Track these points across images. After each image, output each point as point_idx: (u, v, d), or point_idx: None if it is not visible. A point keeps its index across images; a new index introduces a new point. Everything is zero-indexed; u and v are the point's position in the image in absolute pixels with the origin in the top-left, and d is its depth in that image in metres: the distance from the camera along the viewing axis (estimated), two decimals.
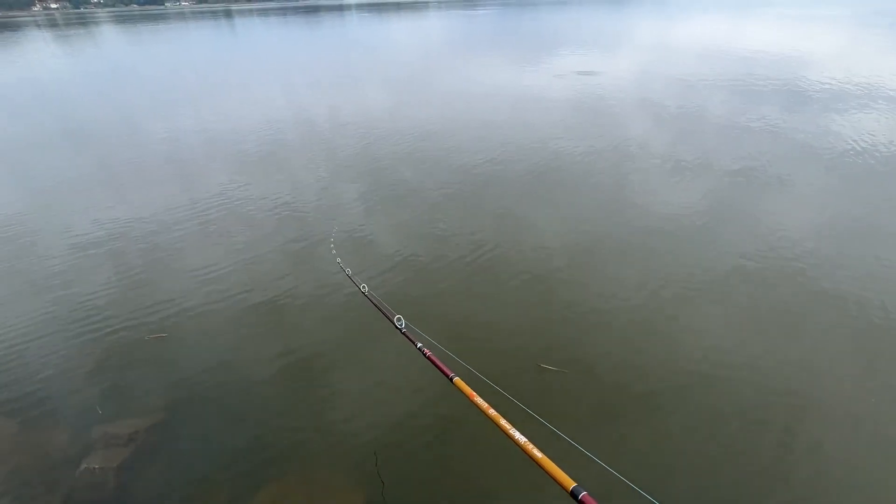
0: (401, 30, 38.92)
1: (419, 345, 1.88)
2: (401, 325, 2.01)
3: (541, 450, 1.19)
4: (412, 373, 3.61)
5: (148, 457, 3.13)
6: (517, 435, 1.27)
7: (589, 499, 1.02)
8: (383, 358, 3.81)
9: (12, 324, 4.47)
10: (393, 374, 3.66)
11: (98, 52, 31.20)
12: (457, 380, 1.59)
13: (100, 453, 3.12)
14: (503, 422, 1.34)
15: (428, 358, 1.78)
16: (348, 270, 3.10)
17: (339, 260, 3.46)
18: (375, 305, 2.40)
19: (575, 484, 1.06)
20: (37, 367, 3.93)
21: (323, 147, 9.23)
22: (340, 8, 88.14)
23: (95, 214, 6.69)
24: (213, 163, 8.71)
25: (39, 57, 27.42)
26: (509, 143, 8.67)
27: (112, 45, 36.37)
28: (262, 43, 32.62)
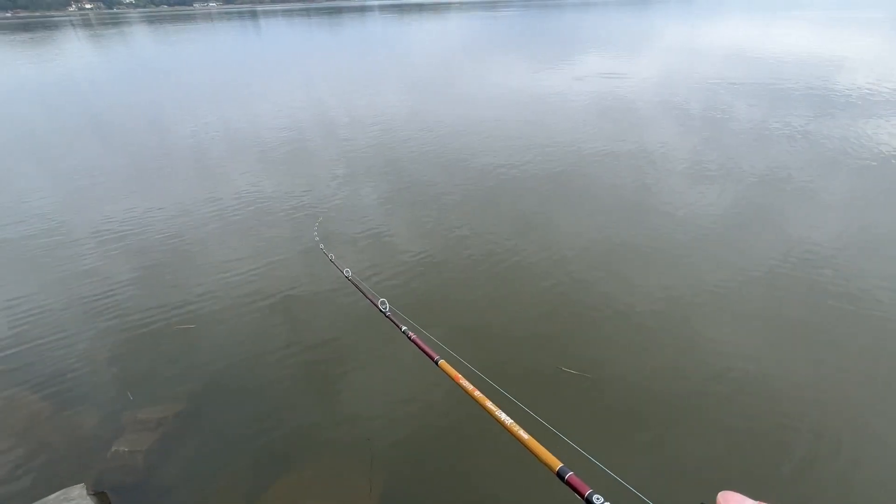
0: (422, 30, 39.12)
1: (404, 328, 1.88)
2: (385, 308, 2.01)
3: (527, 431, 1.19)
4: (429, 371, 3.67)
5: (174, 442, 3.25)
6: (503, 416, 1.27)
7: (575, 479, 1.00)
8: (402, 355, 3.88)
9: (47, 311, 4.68)
10: (412, 371, 3.72)
11: (129, 50, 32.16)
12: (442, 362, 1.59)
13: (129, 437, 3.26)
14: (489, 403, 1.33)
15: (413, 341, 1.78)
16: (331, 255, 3.03)
17: (322, 246, 3.38)
18: (359, 289, 2.38)
19: (561, 465, 1.05)
20: (70, 353, 4.12)
21: (342, 146, 9.37)
22: (363, 9, 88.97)
23: (124, 206, 6.94)
24: (236, 159, 8.93)
25: (74, 55, 28.40)
26: (529, 145, 8.67)
27: (142, 43, 37.43)
28: (285, 43, 33.18)
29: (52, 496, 2.77)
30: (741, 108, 10.36)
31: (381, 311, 2.00)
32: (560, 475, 1.03)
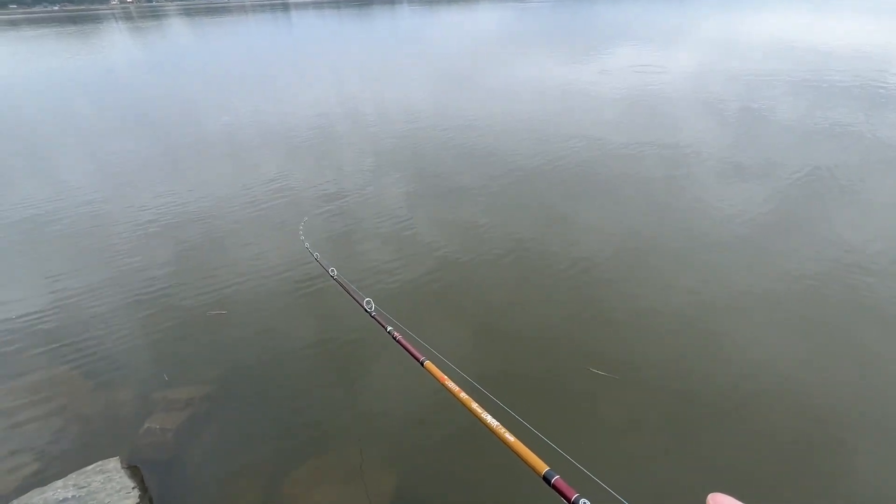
0: (452, 23, 38.84)
1: (389, 328, 1.85)
2: (370, 308, 1.98)
3: (514, 434, 1.17)
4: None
5: (202, 423, 3.38)
6: (489, 419, 1.25)
7: (562, 483, 0.99)
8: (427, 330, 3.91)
9: (89, 292, 4.92)
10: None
11: (167, 42, 33.13)
12: (427, 363, 1.56)
13: (160, 415, 3.40)
14: (474, 405, 1.31)
15: (398, 342, 1.75)
16: (316, 255, 2.95)
17: (307, 245, 3.29)
18: (345, 289, 2.34)
19: (548, 468, 1.03)
20: (108, 333, 4.32)
21: (369, 138, 9.45)
22: (392, 1, 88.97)
23: (161, 192, 7.21)
24: (266, 149, 9.14)
25: (117, 46, 29.45)
26: (556, 140, 8.54)
27: (179, 36, 38.48)
28: (315, 35, 33.53)
29: (90, 467, 2.92)
30: (782, 103, 9.91)
31: (366, 310, 1.97)
32: (546, 479, 1.01)
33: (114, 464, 2.93)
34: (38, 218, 6.67)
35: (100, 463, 2.94)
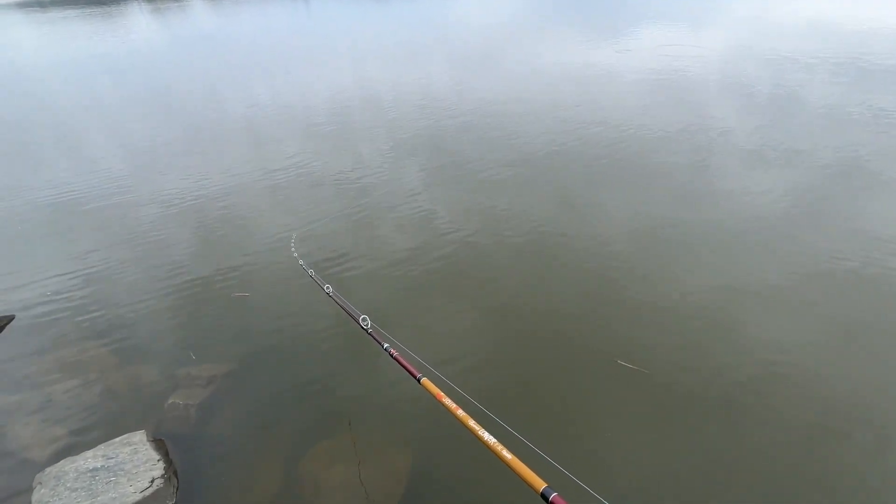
0: (472, 3, 37.99)
1: (385, 345, 1.85)
2: (366, 325, 1.97)
3: (511, 450, 1.17)
4: (472, 337, 3.70)
5: (224, 399, 3.48)
6: (486, 436, 1.25)
7: (559, 500, 0.99)
8: (442, 321, 3.93)
9: (118, 272, 5.06)
10: (451, 338, 3.77)
11: (189, 24, 33.29)
12: (424, 380, 1.57)
13: (183, 391, 3.51)
14: (472, 423, 1.32)
15: (395, 358, 1.76)
16: (311, 272, 2.91)
17: (301, 262, 3.22)
18: (340, 306, 2.34)
19: (546, 485, 1.03)
20: (136, 311, 4.45)
21: (385, 121, 9.39)
22: None
23: (184, 174, 7.33)
24: (285, 131, 9.19)
25: (142, 28, 29.73)
26: (577, 124, 8.34)
27: (201, 18, 38.57)
28: (334, 17, 33.24)
29: (118, 439, 3.05)
30: (817, 87, 9.46)
31: (362, 328, 1.97)
32: (544, 496, 1.01)
33: (140, 436, 3.04)
34: (68, 196, 6.86)
35: (127, 435, 3.05)
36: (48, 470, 2.84)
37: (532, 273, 4.61)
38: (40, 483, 2.77)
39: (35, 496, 2.69)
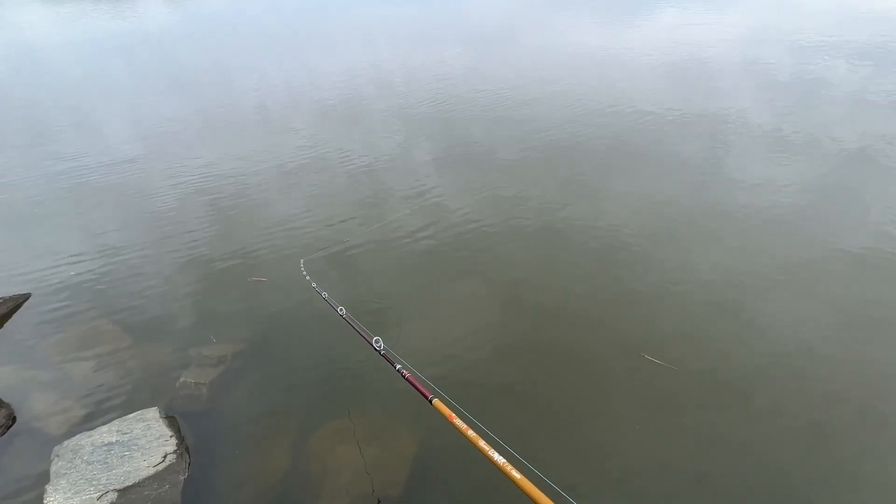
0: None
1: (398, 366, 1.90)
2: (379, 346, 2.01)
3: (520, 470, 1.20)
4: (478, 317, 3.72)
5: (235, 379, 3.54)
6: (496, 456, 1.28)
7: None
8: (451, 300, 3.92)
9: (134, 253, 5.12)
10: (458, 319, 3.78)
11: (200, 4, 33.03)
12: (436, 401, 1.60)
13: (195, 370, 3.58)
14: (482, 443, 1.35)
15: (407, 380, 1.80)
16: (324, 294, 2.88)
17: (314, 285, 3.16)
18: (354, 328, 2.38)
19: None
20: (151, 292, 4.51)
21: (397, 104, 9.30)
22: None
23: (198, 156, 7.35)
24: (295, 113, 9.17)
25: (151, 8, 29.60)
26: (591, 109, 8.18)
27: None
28: None
29: (132, 415, 3.12)
30: (839, 71, 9.15)
31: (375, 349, 2.00)
32: None
33: (153, 413, 3.12)
34: (83, 176, 6.93)
35: (140, 412, 3.13)
36: (66, 443, 2.93)
37: (544, 261, 4.57)
38: (58, 456, 2.86)
39: (53, 468, 2.78)
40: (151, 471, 2.78)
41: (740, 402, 3.09)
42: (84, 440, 2.93)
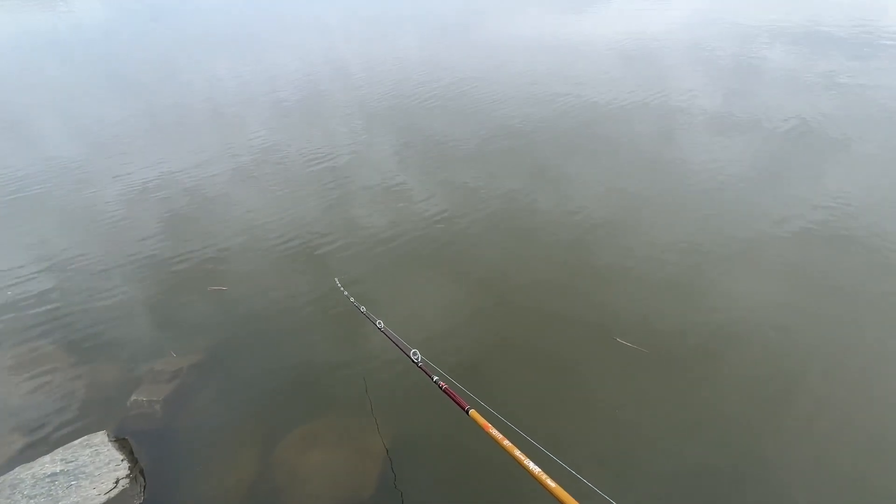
0: None
1: (435, 378, 1.93)
2: (417, 359, 2.04)
3: (555, 480, 1.23)
4: (444, 311, 3.67)
5: (191, 393, 3.36)
6: (531, 465, 1.30)
7: None
8: (416, 295, 3.85)
9: (72, 265, 4.77)
10: (425, 312, 3.72)
11: None
12: (472, 412, 1.63)
13: (147, 387, 3.37)
14: (517, 452, 1.37)
15: (444, 391, 1.83)
16: (363, 308, 2.80)
17: (352, 299, 3.03)
18: (392, 341, 2.40)
19: None
20: (93, 307, 4.22)
21: (356, 97, 9.05)
22: None
23: (145, 161, 6.88)
24: (249, 109, 8.76)
25: (83, 2, 27.60)
26: (548, 97, 8.24)
27: None
28: None
29: (77, 441, 2.91)
30: (777, 54, 9.60)
31: (413, 361, 2.05)
32: None
33: (101, 437, 2.92)
34: (19, 185, 6.39)
35: (86, 437, 2.92)
36: (2, 478, 2.69)
37: (511, 251, 4.55)
38: None
39: None
40: (103, 498, 2.60)
41: (707, 375, 3.19)
42: (23, 473, 2.70)
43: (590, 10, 15.26)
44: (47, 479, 2.66)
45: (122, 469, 2.75)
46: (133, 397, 3.28)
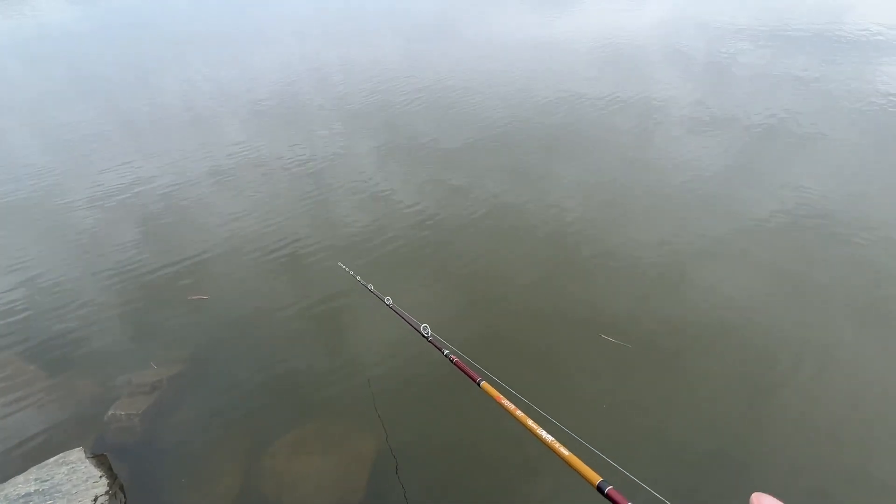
0: None
1: (446, 352, 1.97)
2: (427, 333, 2.07)
3: (568, 447, 1.25)
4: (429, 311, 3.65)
5: (171, 405, 3.28)
6: (544, 434, 1.33)
7: (614, 493, 1.06)
8: (400, 297, 3.83)
9: (44, 276, 4.63)
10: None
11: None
12: (484, 384, 1.66)
13: (125, 401, 3.27)
14: (530, 422, 1.40)
15: (455, 364, 1.86)
16: (370, 286, 2.78)
17: (358, 278, 2.99)
18: (401, 317, 2.42)
19: (601, 479, 1.10)
20: (66, 320, 4.08)
21: (335, 99, 8.98)
22: None
23: (118, 166, 6.71)
24: (225, 113, 8.61)
25: (49, 4, 26.80)
26: (528, 97, 8.30)
27: None
28: None
29: (51, 460, 2.81)
30: (747, 54, 9.84)
31: (423, 335, 2.08)
32: (600, 489, 1.08)
33: (77, 454, 2.82)
34: None
35: (62, 455, 2.82)
36: None
37: (495, 250, 4.55)
38: None
39: None
40: None
41: (689, 367, 3.24)
42: None
43: (568, 12, 15.43)
44: (20, 501, 2.55)
45: (101, 486, 2.66)
46: (111, 411, 3.18)
